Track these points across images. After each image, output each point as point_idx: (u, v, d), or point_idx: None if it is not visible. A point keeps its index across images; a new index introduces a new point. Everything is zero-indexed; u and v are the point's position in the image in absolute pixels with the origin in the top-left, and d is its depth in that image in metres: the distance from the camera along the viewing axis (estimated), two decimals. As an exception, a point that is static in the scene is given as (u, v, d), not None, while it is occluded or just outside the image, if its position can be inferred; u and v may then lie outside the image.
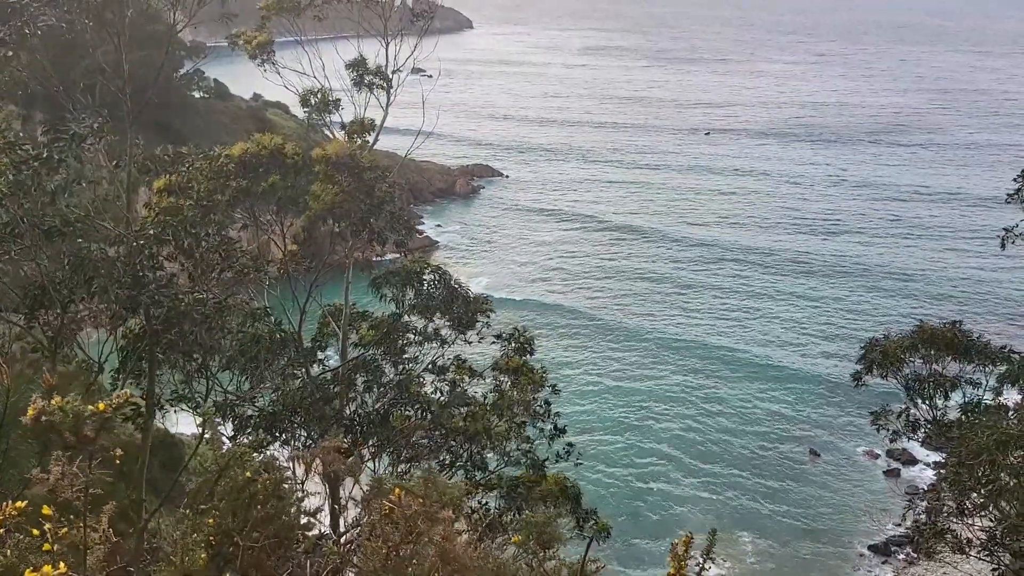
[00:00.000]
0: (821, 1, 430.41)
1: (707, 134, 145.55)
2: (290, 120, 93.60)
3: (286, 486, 7.08)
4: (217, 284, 14.57)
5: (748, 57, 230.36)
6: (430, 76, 37.23)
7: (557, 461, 19.55)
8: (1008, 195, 23.15)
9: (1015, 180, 23.09)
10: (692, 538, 6.44)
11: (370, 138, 17.32)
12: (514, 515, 18.76)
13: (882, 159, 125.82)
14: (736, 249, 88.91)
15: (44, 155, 11.74)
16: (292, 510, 6.99)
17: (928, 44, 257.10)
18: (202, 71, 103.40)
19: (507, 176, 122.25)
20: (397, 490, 6.33)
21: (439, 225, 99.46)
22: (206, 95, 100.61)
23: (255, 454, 7.12)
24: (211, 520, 6.28)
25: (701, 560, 6.31)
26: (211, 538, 6.07)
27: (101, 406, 6.72)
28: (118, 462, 6.53)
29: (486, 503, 19.16)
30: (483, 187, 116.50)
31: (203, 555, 6.00)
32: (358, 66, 19.80)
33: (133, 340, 14.25)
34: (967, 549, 19.00)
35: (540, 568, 6.73)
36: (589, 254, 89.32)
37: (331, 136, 20.27)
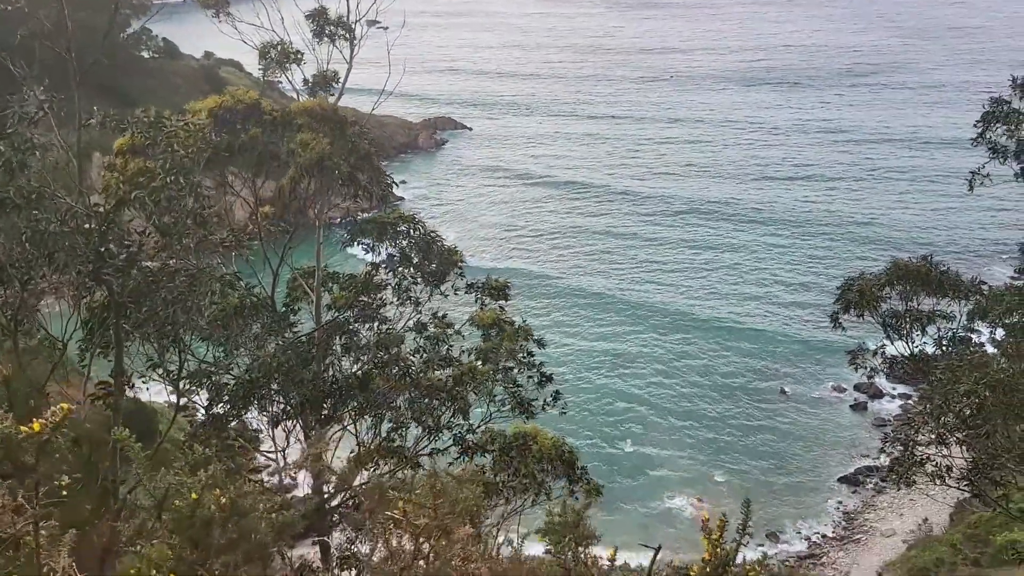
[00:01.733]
0: None
1: (670, 77, 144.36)
2: (244, 78, 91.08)
3: (247, 500, 5.82)
4: (190, 253, 14.01)
5: (710, 1, 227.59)
6: (386, 28, 36.10)
7: (543, 409, 19.35)
8: (971, 140, 23.28)
9: (975, 125, 23.16)
10: (727, 520, 6.10)
11: (335, 92, 16.63)
12: (510, 476, 18.64)
13: (847, 101, 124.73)
14: (700, 201, 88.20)
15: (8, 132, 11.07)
16: (262, 524, 5.73)
17: None
18: (150, 30, 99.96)
19: (471, 129, 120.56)
20: (401, 504, 5.49)
21: (403, 181, 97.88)
22: (155, 55, 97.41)
23: (201, 471, 5.93)
24: (168, 552, 5.31)
25: (737, 536, 6.01)
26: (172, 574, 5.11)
27: (36, 426, 5.69)
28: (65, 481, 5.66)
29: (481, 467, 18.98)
30: (447, 141, 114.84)
31: None
32: (318, 16, 18.94)
33: (99, 313, 13.70)
34: (946, 477, 19.38)
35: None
36: (553, 211, 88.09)
37: (292, 94, 19.55)
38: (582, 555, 6.34)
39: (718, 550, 5.80)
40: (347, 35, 18.39)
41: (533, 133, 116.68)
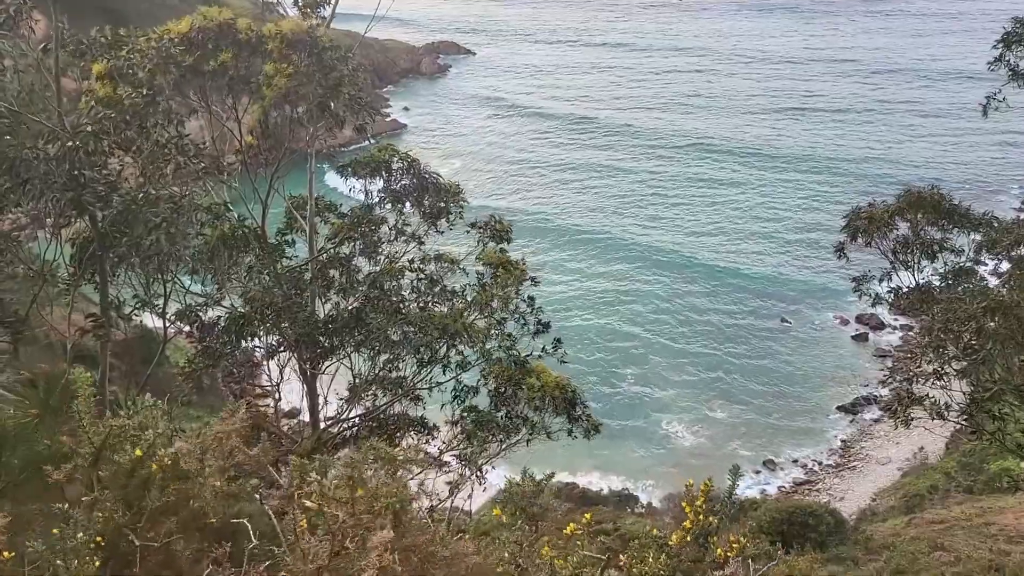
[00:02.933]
0: None
1: (679, 1, 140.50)
2: (243, 6, 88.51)
3: (194, 463, 5.21)
4: (172, 181, 13.59)
5: None
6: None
7: (541, 357, 19.10)
8: (989, 63, 22.47)
9: (994, 46, 22.30)
10: (711, 486, 5.75)
11: (326, 11, 15.89)
12: (506, 411, 18.47)
13: (861, 28, 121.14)
14: (704, 135, 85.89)
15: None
16: (207, 492, 5.09)
17: None
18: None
19: (475, 54, 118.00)
20: (312, 501, 4.86)
21: (406, 108, 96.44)
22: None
23: (149, 428, 5.39)
24: (99, 514, 4.75)
25: (726, 496, 5.71)
26: (99, 538, 4.56)
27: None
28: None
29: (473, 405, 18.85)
30: (450, 66, 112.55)
31: (95, 561, 4.55)
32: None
33: (82, 245, 13.38)
34: (945, 414, 19.27)
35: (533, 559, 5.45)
36: (555, 144, 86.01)
37: (285, 15, 18.75)
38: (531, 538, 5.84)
39: (700, 518, 5.47)
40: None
41: (537, 61, 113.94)
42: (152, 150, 11.99)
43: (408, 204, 18.14)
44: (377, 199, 17.87)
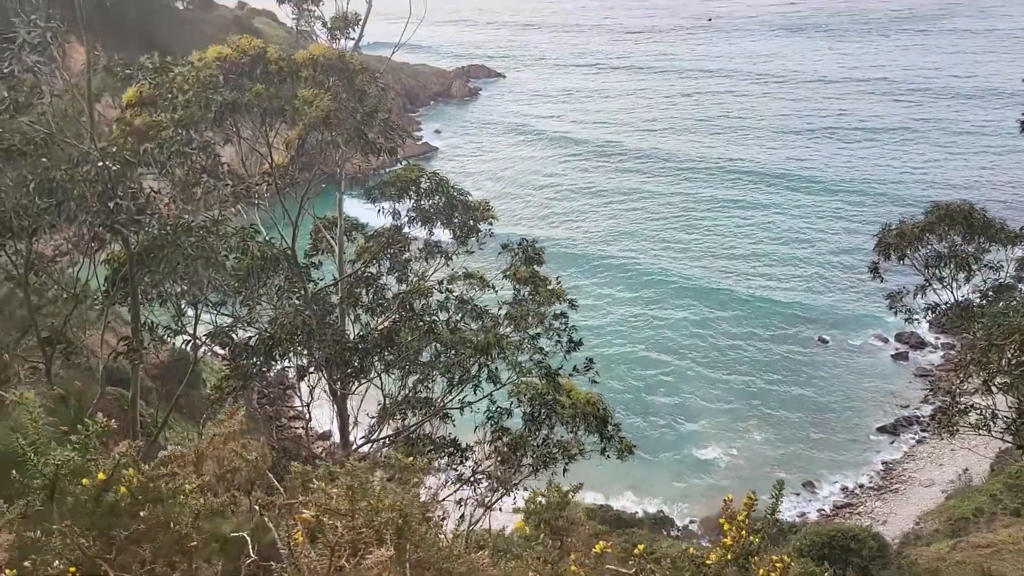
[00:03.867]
0: None
1: (710, 20, 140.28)
2: (278, 29, 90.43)
3: (169, 483, 4.69)
4: (204, 204, 13.78)
5: None
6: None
7: (572, 375, 18.91)
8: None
9: None
10: (755, 499, 5.36)
11: (355, 33, 16.05)
12: (544, 436, 18.24)
13: (896, 48, 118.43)
14: (738, 158, 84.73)
15: (4, 71, 10.78)
16: (186, 514, 4.56)
17: None
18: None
19: (505, 77, 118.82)
20: (308, 514, 4.49)
21: (437, 131, 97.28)
22: (189, 6, 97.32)
23: (119, 451, 4.83)
24: (64, 541, 4.23)
25: (767, 520, 5.35)
26: (72, 569, 4.14)
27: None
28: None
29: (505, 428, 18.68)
30: (480, 89, 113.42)
31: None
32: (334, -45, 18.32)
33: (117, 267, 13.59)
34: (991, 427, 18.75)
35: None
36: (586, 169, 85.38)
37: (315, 39, 19.00)
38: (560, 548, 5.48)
39: (743, 533, 5.05)
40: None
41: (567, 84, 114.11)
42: (186, 175, 12.17)
43: (438, 223, 18.17)
44: (406, 219, 17.91)
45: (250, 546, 4.61)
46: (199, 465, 4.97)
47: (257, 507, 4.99)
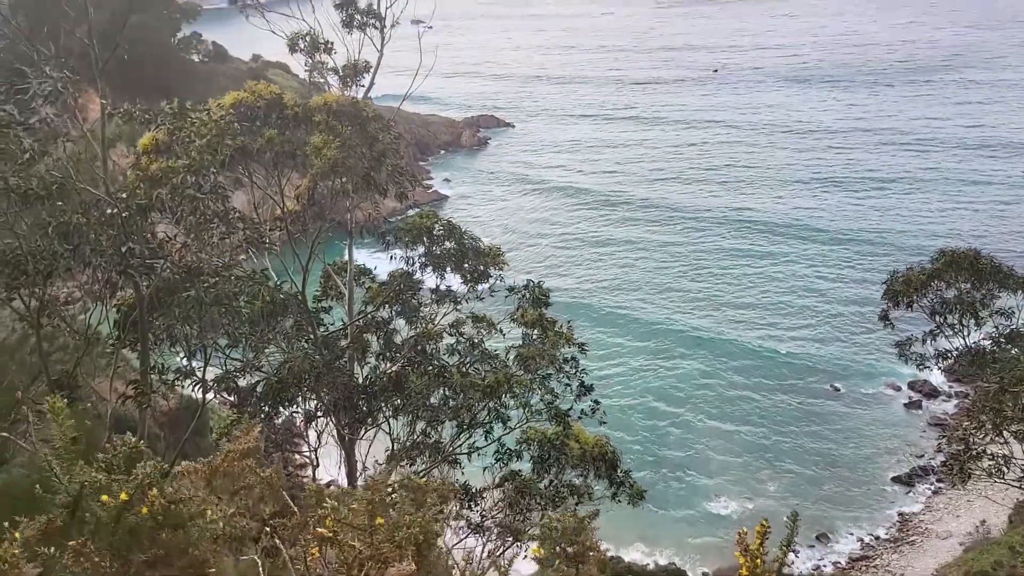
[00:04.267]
0: None
1: (715, 72, 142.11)
2: (291, 80, 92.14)
3: (190, 507, 4.62)
4: (217, 250, 13.93)
5: None
6: (430, 27, 35.99)
7: (580, 418, 18.83)
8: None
9: None
10: (768, 527, 5.28)
11: (366, 81, 16.38)
12: (550, 480, 18.15)
13: (902, 99, 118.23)
14: (747, 209, 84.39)
15: (28, 121, 11.04)
16: (205, 538, 4.50)
17: None
18: (199, 34, 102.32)
19: (514, 126, 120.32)
20: (329, 522, 4.43)
21: (447, 179, 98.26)
22: (205, 58, 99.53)
23: (135, 470, 4.72)
24: (79, 560, 4.14)
25: (782, 550, 5.26)
26: None
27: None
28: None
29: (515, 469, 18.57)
30: (490, 138, 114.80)
31: None
32: (347, 5, 18.76)
33: (127, 312, 13.68)
34: (1005, 471, 18.48)
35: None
36: (593, 219, 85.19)
37: (327, 89, 19.34)
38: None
39: (757, 561, 4.96)
40: (377, 24, 18.17)
41: (575, 135, 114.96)
42: (199, 221, 12.34)
43: (449, 268, 18.27)
44: (418, 264, 18.03)
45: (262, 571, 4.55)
46: (212, 481, 4.92)
47: (268, 527, 4.93)
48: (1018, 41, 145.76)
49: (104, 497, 4.55)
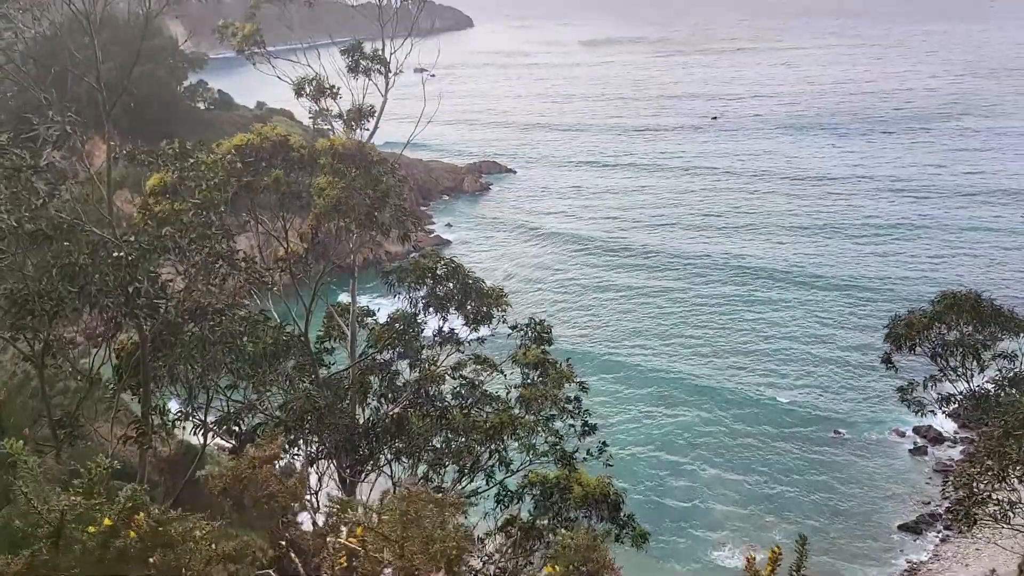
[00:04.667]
0: None
1: (714, 119, 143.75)
2: (295, 127, 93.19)
3: (180, 526, 4.74)
4: (222, 291, 13.99)
5: (772, 44, 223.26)
6: (433, 75, 36.57)
7: (585, 460, 18.67)
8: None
9: None
10: (780, 553, 5.24)
11: (370, 125, 16.61)
12: (550, 521, 17.91)
13: (901, 147, 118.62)
14: (743, 256, 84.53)
15: (37, 163, 11.20)
16: (199, 560, 4.52)
17: (971, 21, 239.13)
18: (205, 82, 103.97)
19: (515, 172, 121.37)
20: (360, 530, 4.37)
21: (449, 224, 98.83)
22: (210, 106, 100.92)
23: (119, 496, 4.56)
24: None
25: (794, 569, 5.22)
26: None
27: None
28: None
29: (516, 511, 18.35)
30: (491, 184, 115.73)
31: None
32: (353, 51, 19.11)
33: (128, 354, 13.69)
34: (1011, 517, 18.24)
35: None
36: (594, 265, 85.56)
37: (331, 134, 19.57)
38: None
39: None
40: (382, 68, 18.47)
41: (575, 181, 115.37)
42: (205, 262, 12.41)
43: (452, 309, 18.29)
44: (421, 305, 18.06)
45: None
46: (235, 487, 4.79)
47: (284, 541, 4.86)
48: (1013, 89, 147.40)
49: (90, 528, 4.41)
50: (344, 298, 18.87)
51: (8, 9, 12.96)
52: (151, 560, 4.48)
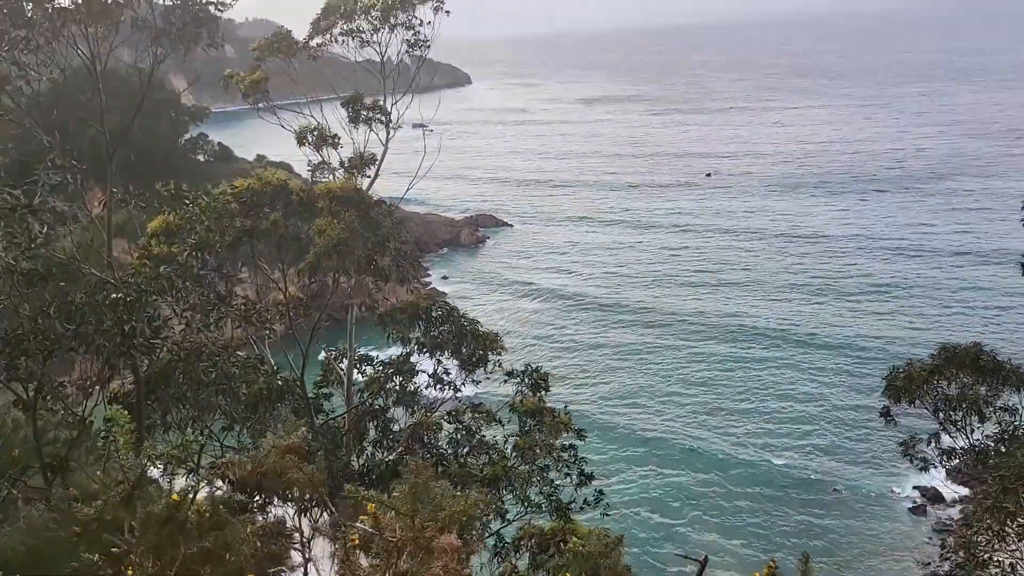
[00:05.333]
0: (846, 43, 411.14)
1: (708, 176, 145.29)
2: (295, 180, 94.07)
3: (232, 514, 5.10)
4: (217, 331, 13.95)
5: (766, 103, 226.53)
6: (431, 130, 37.19)
7: (582, 509, 18.38)
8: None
9: None
10: (776, 566, 5.23)
11: (371, 172, 16.78)
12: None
13: (895, 207, 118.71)
14: (735, 315, 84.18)
15: (32, 203, 11.27)
16: (243, 547, 4.94)
17: (960, 82, 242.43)
18: (206, 135, 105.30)
19: (512, 226, 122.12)
20: (371, 507, 4.46)
21: (445, 277, 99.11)
22: (210, 158, 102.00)
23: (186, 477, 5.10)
24: (128, 568, 4.26)
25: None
26: None
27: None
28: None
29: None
30: (488, 237, 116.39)
31: None
32: (354, 101, 19.40)
33: (124, 398, 13.55)
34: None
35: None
36: (588, 322, 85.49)
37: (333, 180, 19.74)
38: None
39: None
40: (383, 118, 18.72)
41: (572, 237, 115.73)
42: (200, 300, 12.41)
43: (447, 352, 18.22)
44: (415, 346, 17.98)
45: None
46: (255, 476, 5.05)
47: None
48: (1004, 151, 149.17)
49: (174, 496, 4.83)
50: (342, 345, 18.79)
51: (19, 56, 13.18)
52: (205, 537, 4.82)
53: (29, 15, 13.01)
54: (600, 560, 5.79)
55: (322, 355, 18.95)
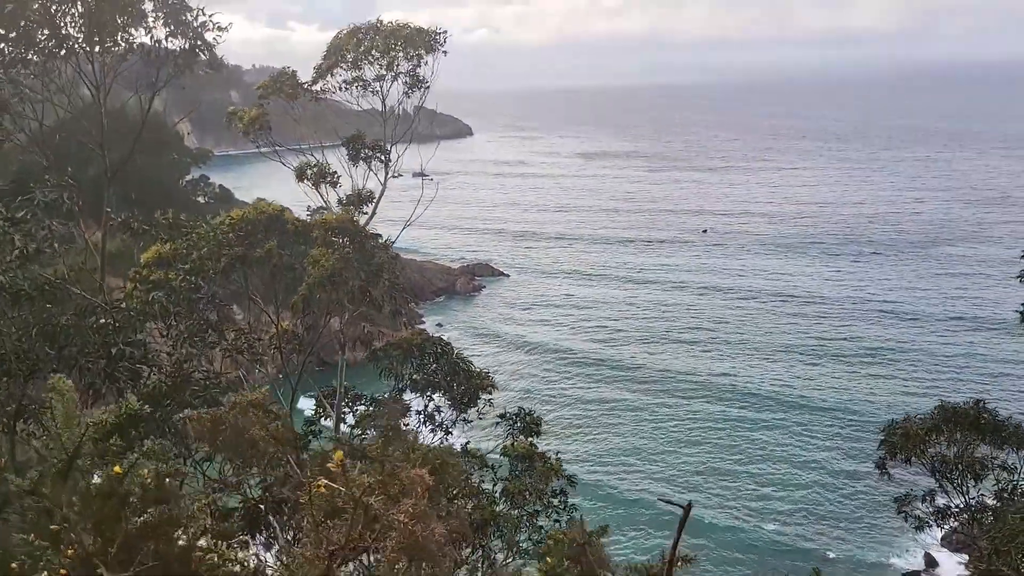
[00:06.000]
0: (842, 105, 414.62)
1: (703, 232, 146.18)
2: (290, 211, 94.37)
3: (178, 486, 4.67)
4: (209, 361, 13.76)
5: (762, 163, 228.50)
6: (431, 179, 37.37)
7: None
8: (1021, 275, 22.66)
9: (1022, 257, 22.77)
10: None
11: (368, 209, 16.76)
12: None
13: (887, 271, 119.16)
14: (727, 376, 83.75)
15: (17, 217, 11.17)
16: (189, 524, 4.54)
17: (960, 148, 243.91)
18: (207, 177, 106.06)
19: (508, 276, 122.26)
20: (339, 455, 4.17)
21: (439, 324, 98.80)
22: (211, 200, 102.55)
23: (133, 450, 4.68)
24: (68, 547, 3.93)
25: None
26: (62, 571, 3.85)
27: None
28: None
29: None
30: (484, 287, 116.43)
31: None
32: (355, 141, 19.49)
33: (113, 424, 13.25)
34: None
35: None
36: (579, 375, 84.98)
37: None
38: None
39: None
40: (382, 156, 18.79)
41: (566, 290, 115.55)
42: (193, 330, 12.24)
43: (440, 392, 17.98)
44: (408, 383, 17.75)
45: None
46: (215, 434, 4.75)
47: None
48: (998, 218, 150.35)
49: (116, 469, 4.49)
50: (334, 383, 18.56)
51: (27, 91, 13.25)
52: (148, 512, 4.46)
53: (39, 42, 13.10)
54: (579, 550, 5.51)
55: (310, 406, 18.70)
